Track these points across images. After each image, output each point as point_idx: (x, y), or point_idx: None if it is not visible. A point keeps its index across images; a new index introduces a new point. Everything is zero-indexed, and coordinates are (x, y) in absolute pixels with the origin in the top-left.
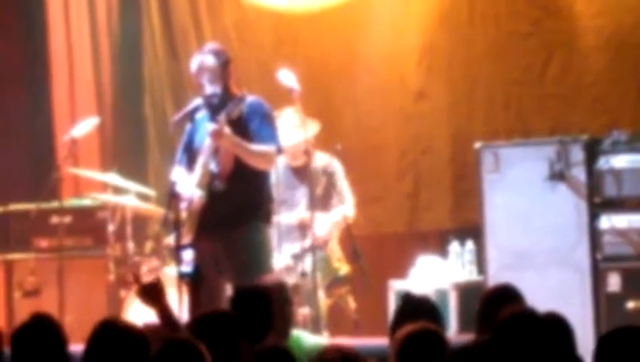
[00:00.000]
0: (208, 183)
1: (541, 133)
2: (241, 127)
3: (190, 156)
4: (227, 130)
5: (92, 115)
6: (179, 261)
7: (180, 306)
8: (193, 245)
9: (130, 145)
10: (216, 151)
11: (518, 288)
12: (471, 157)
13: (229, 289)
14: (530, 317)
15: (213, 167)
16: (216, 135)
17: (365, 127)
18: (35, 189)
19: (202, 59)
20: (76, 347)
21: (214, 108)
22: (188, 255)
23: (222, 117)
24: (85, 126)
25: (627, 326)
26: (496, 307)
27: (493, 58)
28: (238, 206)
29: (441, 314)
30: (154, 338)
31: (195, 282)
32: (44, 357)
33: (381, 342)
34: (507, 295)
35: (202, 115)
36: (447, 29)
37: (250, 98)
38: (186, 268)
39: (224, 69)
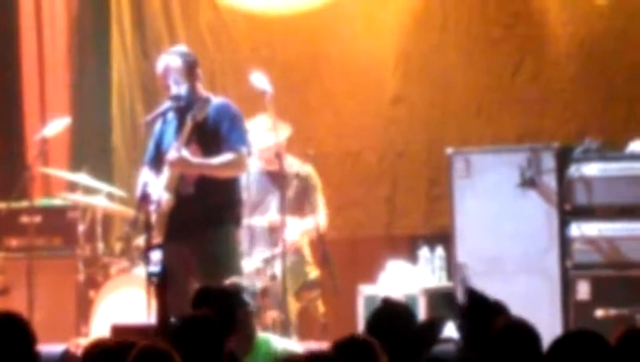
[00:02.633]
0: (176, 186)
1: (510, 138)
2: (208, 130)
3: (159, 158)
4: (185, 153)
5: (62, 115)
6: (148, 262)
7: (148, 308)
8: (163, 246)
9: (98, 146)
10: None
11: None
12: (444, 163)
13: None
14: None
15: None
16: (174, 164)
17: (343, 130)
18: (5, 188)
19: (167, 60)
20: (44, 347)
21: (181, 110)
22: (156, 255)
23: (179, 143)
24: (57, 125)
25: (579, 329)
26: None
27: (466, 63)
28: (206, 209)
29: (416, 320)
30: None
31: (162, 282)
32: (11, 356)
33: None
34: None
35: (172, 116)
36: (421, 34)
37: (217, 100)
38: (154, 268)
39: (190, 70)
